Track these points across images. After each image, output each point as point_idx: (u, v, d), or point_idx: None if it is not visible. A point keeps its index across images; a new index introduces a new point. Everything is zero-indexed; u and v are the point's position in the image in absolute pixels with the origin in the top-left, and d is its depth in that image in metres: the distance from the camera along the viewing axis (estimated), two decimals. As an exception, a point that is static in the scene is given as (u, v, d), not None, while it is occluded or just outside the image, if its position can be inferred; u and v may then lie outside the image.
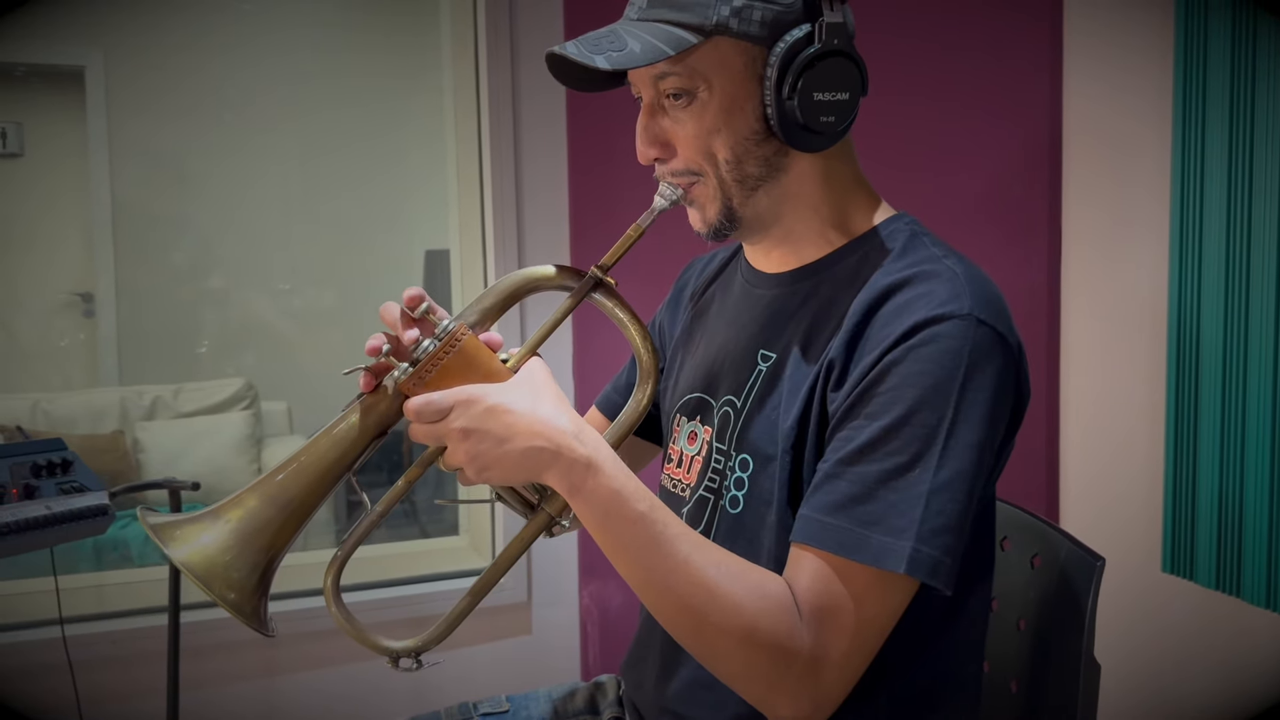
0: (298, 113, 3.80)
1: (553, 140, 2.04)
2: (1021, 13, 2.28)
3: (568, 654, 2.11)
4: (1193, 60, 1.88)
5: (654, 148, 0.98)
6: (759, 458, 0.98)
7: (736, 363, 1.05)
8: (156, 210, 3.73)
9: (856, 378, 0.90)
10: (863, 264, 0.98)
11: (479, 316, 0.93)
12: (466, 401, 0.87)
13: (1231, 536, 1.84)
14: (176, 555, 0.81)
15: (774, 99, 0.93)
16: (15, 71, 3.71)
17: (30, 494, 1.40)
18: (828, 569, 0.87)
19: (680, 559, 0.87)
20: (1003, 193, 2.30)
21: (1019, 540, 1.23)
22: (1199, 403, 1.90)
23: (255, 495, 0.86)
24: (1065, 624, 1.10)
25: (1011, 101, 2.29)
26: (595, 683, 1.24)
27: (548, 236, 2.04)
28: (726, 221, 0.99)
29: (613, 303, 0.96)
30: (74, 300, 3.79)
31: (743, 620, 0.85)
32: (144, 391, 3.52)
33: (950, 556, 0.86)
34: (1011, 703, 1.19)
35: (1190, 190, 1.90)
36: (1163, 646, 2.07)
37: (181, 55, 3.68)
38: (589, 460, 0.88)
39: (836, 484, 0.88)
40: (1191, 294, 1.91)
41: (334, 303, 3.88)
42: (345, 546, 0.92)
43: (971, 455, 0.87)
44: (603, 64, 0.90)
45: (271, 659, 1.95)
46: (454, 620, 0.93)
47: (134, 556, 2.80)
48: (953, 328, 0.88)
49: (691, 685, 1.02)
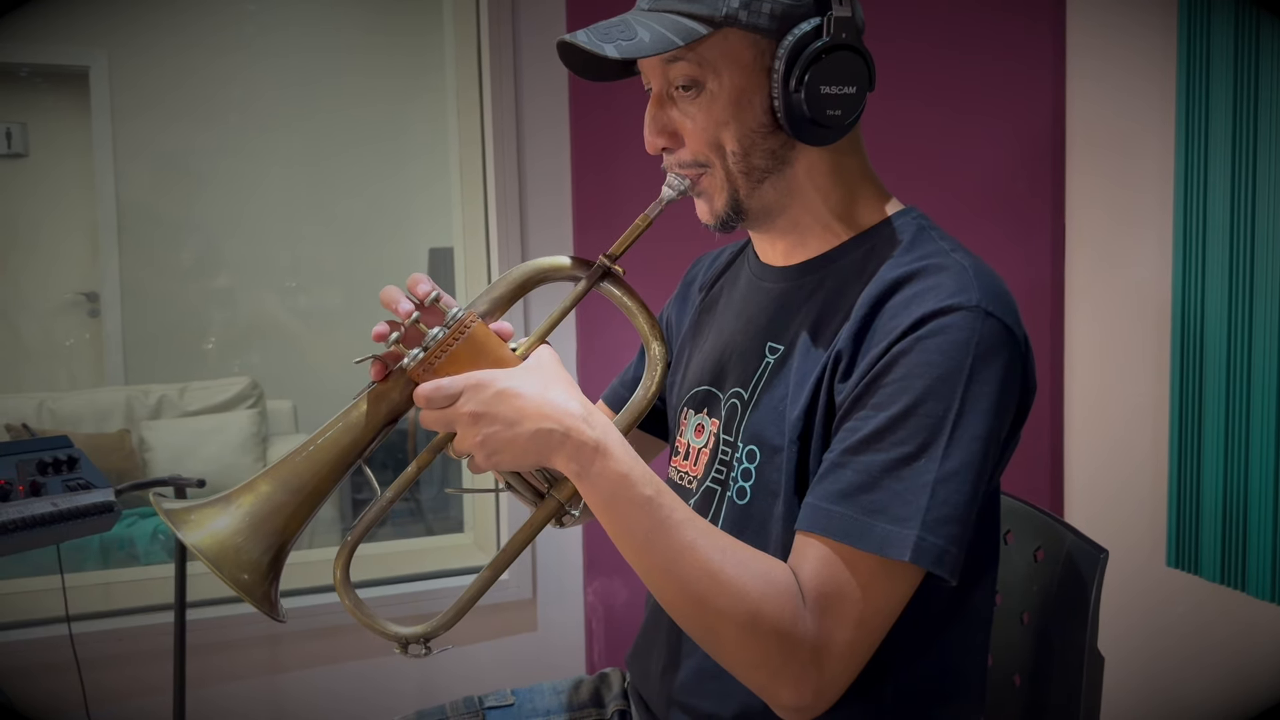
0: (301, 112, 3.81)
1: (555, 138, 2.05)
2: (1024, 12, 2.28)
3: (573, 650, 2.11)
4: (1195, 58, 1.88)
5: (662, 137, 0.98)
6: (766, 448, 0.99)
7: (744, 355, 1.05)
8: (161, 210, 3.74)
9: (864, 369, 0.91)
10: (870, 257, 0.98)
11: (489, 306, 0.94)
12: (476, 386, 0.88)
13: (1236, 530, 1.84)
14: (189, 539, 0.82)
15: (781, 92, 0.94)
16: (20, 72, 3.72)
17: (37, 491, 1.41)
18: (833, 556, 0.87)
19: (686, 544, 0.88)
20: (1006, 191, 2.30)
21: (1022, 533, 1.23)
22: (1203, 397, 1.90)
23: (268, 480, 0.87)
24: (1069, 617, 1.10)
25: (1014, 100, 2.29)
26: (600, 675, 1.25)
27: (551, 234, 2.05)
28: (733, 213, 0.99)
29: (621, 292, 0.97)
30: (79, 300, 3.80)
31: (747, 606, 0.86)
32: (149, 390, 3.53)
33: (955, 546, 0.86)
34: (1015, 696, 1.19)
35: (1194, 187, 1.90)
36: (1168, 641, 2.07)
37: (186, 56, 3.69)
38: (597, 443, 0.88)
39: (842, 473, 0.89)
40: (1196, 288, 1.91)
41: (339, 301, 3.89)
42: (354, 533, 0.93)
43: (978, 446, 0.88)
44: (612, 53, 0.90)
45: (277, 656, 1.96)
46: (462, 608, 0.94)
47: (140, 554, 2.80)
48: (961, 319, 0.88)
49: (698, 675, 1.03)
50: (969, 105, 2.26)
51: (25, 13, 3.49)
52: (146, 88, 3.71)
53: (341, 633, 1.97)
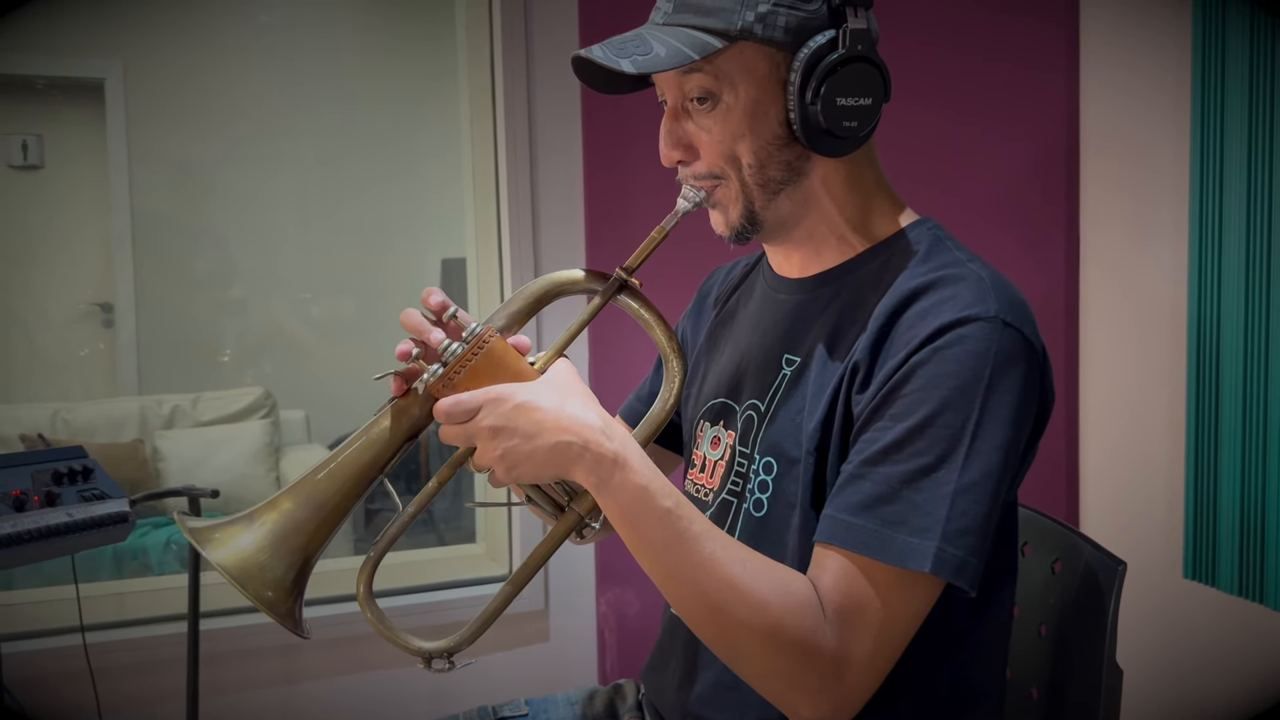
0: (315, 123, 3.83)
1: (568, 149, 2.05)
2: (1037, 19, 2.28)
3: (585, 661, 2.11)
4: (1210, 66, 1.87)
5: (677, 150, 0.99)
6: (783, 460, 0.99)
7: (760, 367, 1.05)
8: (175, 220, 3.76)
9: (881, 379, 0.90)
10: (886, 268, 0.98)
11: (506, 320, 0.94)
12: (495, 400, 0.88)
13: (1254, 542, 1.83)
14: (214, 557, 0.82)
15: (797, 104, 0.94)
16: (36, 84, 3.76)
17: (52, 501, 1.41)
18: (852, 568, 0.87)
19: (705, 555, 0.87)
20: (1019, 199, 2.30)
21: (1040, 545, 1.22)
22: (1220, 407, 1.89)
23: (290, 498, 0.87)
24: (1087, 629, 1.10)
25: (1027, 108, 2.29)
26: (615, 686, 1.24)
27: (563, 246, 2.05)
28: (748, 224, 0.99)
29: (638, 304, 0.97)
30: (94, 310, 3.82)
31: (767, 618, 0.85)
32: (163, 400, 3.55)
33: (975, 557, 0.86)
34: (1033, 710, 1.18)
35: (1209, 195, 1.89)
36: (1185, 653, 2.05)
37: (200, 67, 3.72)
38: (616, 455, 0.88)
39: (861, 484, 0.88)
40: (1211, 298, 1.90)
41: (352, 312, 3.91)
42: (377, 549, 0.93)
43: (997, 457, 0.87)
44: (628, 68, 0.91)
45: (290, 666, 1.96)
46: (485, 621, 0.94)
47: (153, 564, 2.81)
48: (979, 330, 0.88)
49: (715, 688, 1.02)
50: (981, 113, 2.26)
51: (41, 26, 3.52)
52: (161, 99, 3.74)
53: (355, 643, 1.97)
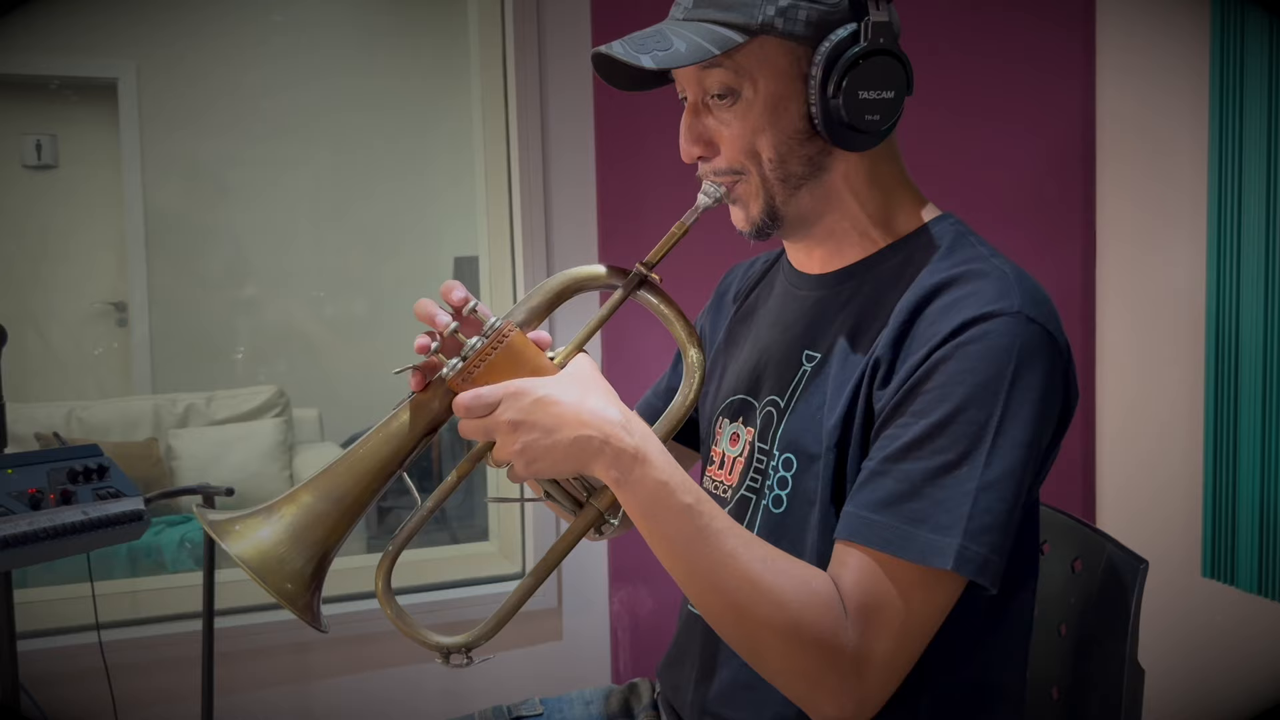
0: (328, 122, 3.83)
1: (581, 146, 2.05)
2: (1054, 17, 2.27)
3: (598, 660, 2.10)
4: (1229, 62, 1.86)
5: (698, 146, 0.98)
6: (803, 456, 0.98)
7: (780, 363, 1.04)
8: (189, 220, 3.77)
9: (903, 375, 0.90)
10: (908, 264, 0.98)
11: (526, 315, 0.94)
12: (515, 394, 0.87)
13: (1273, 540, 1.81)
14: (233, 549, 0.82)
15: (819, 98, 0.93)
16: (49, 85, 3.77)
17: (67, 499, 1.41)
18: (874, 566, 0.86)
19: (726, 552, 0.87)
20: (1037, 198, 2.29)
21: (1060, 543, 1.21)
22: (1239, 404, 1.88)
23: (309, 491, 0.87)
24: (1108, 629, 1.09)
25: (1044, 105, 2.28)
26: (630, 685, 1.24)
27: (576, 243, 2.05)
28: (769, 220, 0.99)
29: (658, 299, 0.96)
30: (108, 309, 3.83)
31: (787, 615, 0.85)
32: (177, 399, 3.55)
33: (997, 555, 0.85)
34: (1054, 710, 1.17)
35: (1228, 192, 1.88)
36: (1204, 652, 2.04)
37: (213, 66, 3.72)
38: (636, 450, 0.87)
39: (883, 481, 0.88)
40: (1230, 295, 1.89)
41: (365, 310, 3.91)
42: (396, 543, 0.93)
43: (1020, 454, 0.87)
44: (649, 63, 0.90)
45: (305, 663, 1.96)
46: (503, 617, 0.94)
47: (167, 562, 2.82)
48: (1002, 325, 0.87)
49: (732, 686, 1.02)
50: (999, 112, 2.25)
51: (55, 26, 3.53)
52: (174, 99, 3.74)
53: (369, 641, 1.97)
